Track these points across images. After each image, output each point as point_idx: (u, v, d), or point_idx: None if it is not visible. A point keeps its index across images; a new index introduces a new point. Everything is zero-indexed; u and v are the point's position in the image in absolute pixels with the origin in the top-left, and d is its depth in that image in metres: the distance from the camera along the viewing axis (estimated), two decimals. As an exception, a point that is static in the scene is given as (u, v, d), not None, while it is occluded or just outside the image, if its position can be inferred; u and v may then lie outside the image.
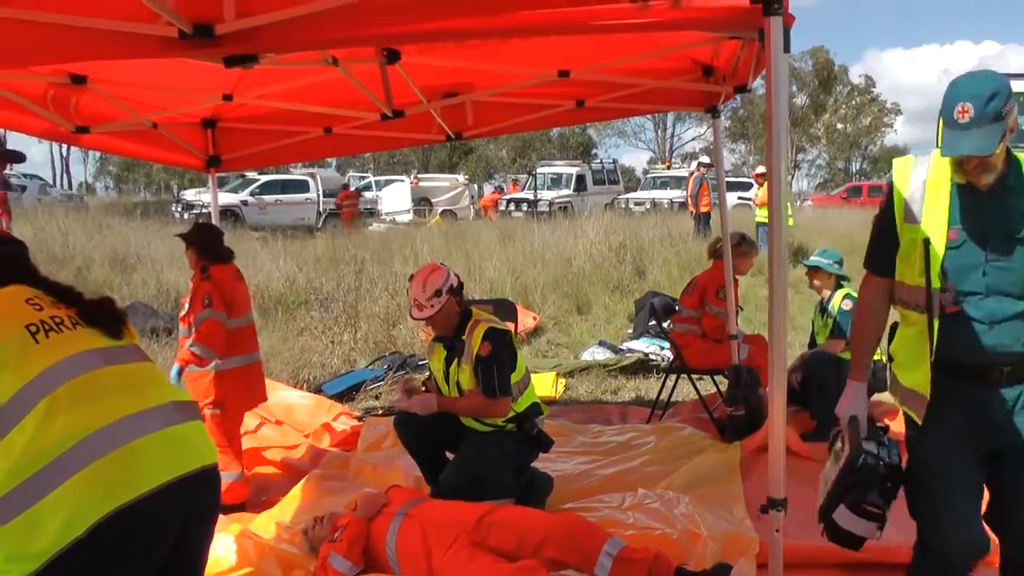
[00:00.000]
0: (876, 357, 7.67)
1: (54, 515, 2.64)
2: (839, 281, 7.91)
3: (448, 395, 6.11)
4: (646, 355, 11.04)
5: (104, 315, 3.22)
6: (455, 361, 5.99)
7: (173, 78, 6.46)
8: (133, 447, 2.84)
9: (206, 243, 6.53)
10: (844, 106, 79.41)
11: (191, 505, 2.97)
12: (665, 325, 8.76)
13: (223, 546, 5.33)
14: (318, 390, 9.67)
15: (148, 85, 6.56)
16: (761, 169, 21.70)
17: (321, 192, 37.13)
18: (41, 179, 49.30)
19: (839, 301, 7.71)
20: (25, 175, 44.83)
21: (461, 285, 6.10)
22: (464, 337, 5.97)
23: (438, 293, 5.92)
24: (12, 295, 3.09)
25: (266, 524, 6.00)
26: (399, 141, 8.86)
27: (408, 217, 38.72)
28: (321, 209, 36.44)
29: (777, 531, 3.98)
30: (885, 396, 7.91)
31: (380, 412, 9.03)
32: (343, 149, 8.82)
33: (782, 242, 3.80)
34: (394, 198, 42.20)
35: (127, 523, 2.72)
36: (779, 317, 3.82)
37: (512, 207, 41.52)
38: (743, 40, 5.61)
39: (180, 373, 6.29)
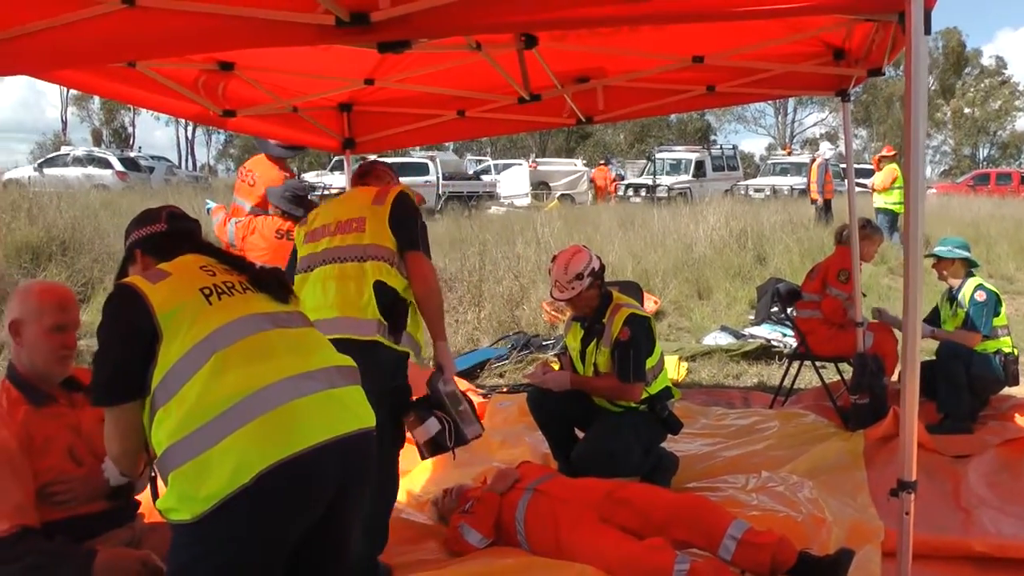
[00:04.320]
0: (1008, 350, 7.63)
1: (222, 463, 2.83)
2: (968, 269, 7.83)
3: (583, 374, 6.21)
4: (768, 341, 11.01)
5: (272, 282, 3.42)
6: (593, 342, 6.09)
7: (314, 64, 6.68)
8: (297, 405, 3.00)
9: None
10: (973, 89, 77.32)
11: (349, 465, 3.12)
12: (790, 311, 8.75)
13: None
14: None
15: (290, 71, 6.79)
16: (886, 152, 21.30)
17: (440, 175, 37.35)
18: (168, 161, 50.54)
19: (971, 291, 7.62)
20: (153, 157, 46.07)
21: (603, 268, 6.19)
22: (604, 320, 6.06)
23: (579, 276, 6.02)
24: (188, 262, 3.31)
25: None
26: (530, 124, 8.98)
27: (526, 201, 38.75)
28: (440, 192, 36.66)
29: (907, 514, 3.96)
30: (1016, 390, 7.87)
31: (505, 390, 9.18)
32: (475, 132, 8.94)
33: (918, 228, 3.79)
34: (512, 182, 42.23)
35: (289, 475, 2.88)
36: (913, 302, 3.82)
37: (631, 192, 41.33)
38: (878, 22, 5.59)
39: None
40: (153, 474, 3.39)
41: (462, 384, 8.55)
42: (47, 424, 3.74)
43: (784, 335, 10.99)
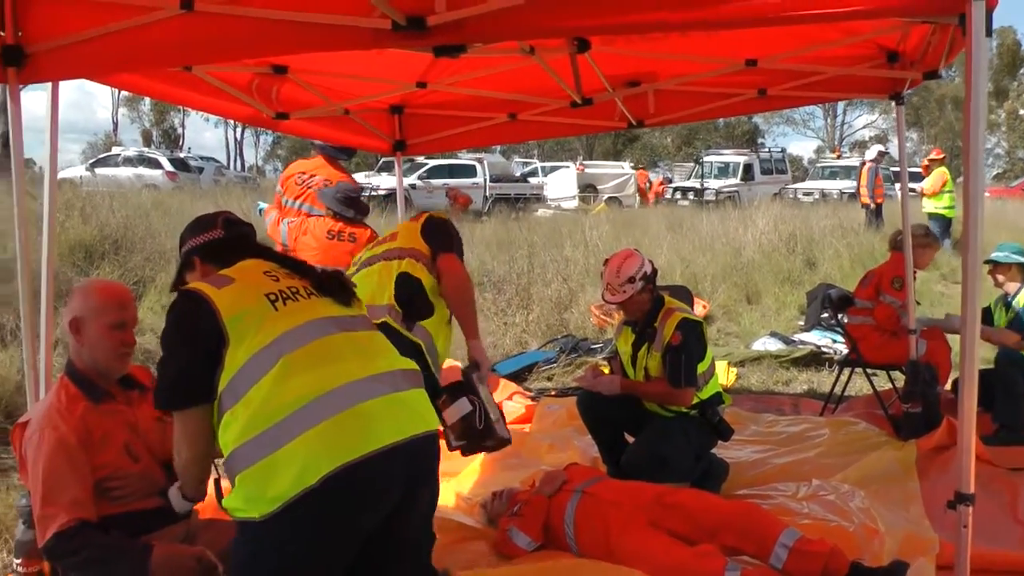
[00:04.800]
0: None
1: (289, 465, 2.87)
2: (1026, 274, 7.74)
3: (634, 379, 6.20)
4: (818, 347, 10.93)
5: (335, 286, 3.45)
6: (645, 346, 6.07)
7: (366, 67, 6.71)
8: (363, 408, 3.04)
9: None
10: (1028, 90, 76.38)
11: (415, 467, 3.14)
12: (841, 317, 8.68)
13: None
14: (491, 370, 9.78)
15: (343, 73, 6.82)
16: (934, 155, 21.05)
17: (488, 177, 37.40)
18: (217, 161, 50.98)
19: (1025, 297, 7.55)
20: (202, 157, 46.48)
21: (655, 272, 6.18)
22: (656, 324, 6.05)
23: (632, 280, 6.01)
24: (251, 268, 3.35)
25: (446, 494, 6.07)
26: (580, 128, 8.94)
27: (573, 203, 38.72)
28: (488, 194, 36.71)
29: (965, 527, 3.88)
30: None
31: (553, 393, 9.17)
32: (525, 135, 8.95)
33: (978, 234, 3.75)
34: (560, 184, 42.21)
35: (356, 478, 2.91)
36: (972, 309, 3.78)
37: (678, 195, 41.21)
38: (936, 24, 5.53)
39: None
40: (217, 476, 3.45)
41: (510, 387, 8.60)
42: (105, 420, 3.77)
43: (834, 341, 10.90)
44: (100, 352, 3.83)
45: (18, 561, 4.03)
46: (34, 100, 4.57)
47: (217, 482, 3.47)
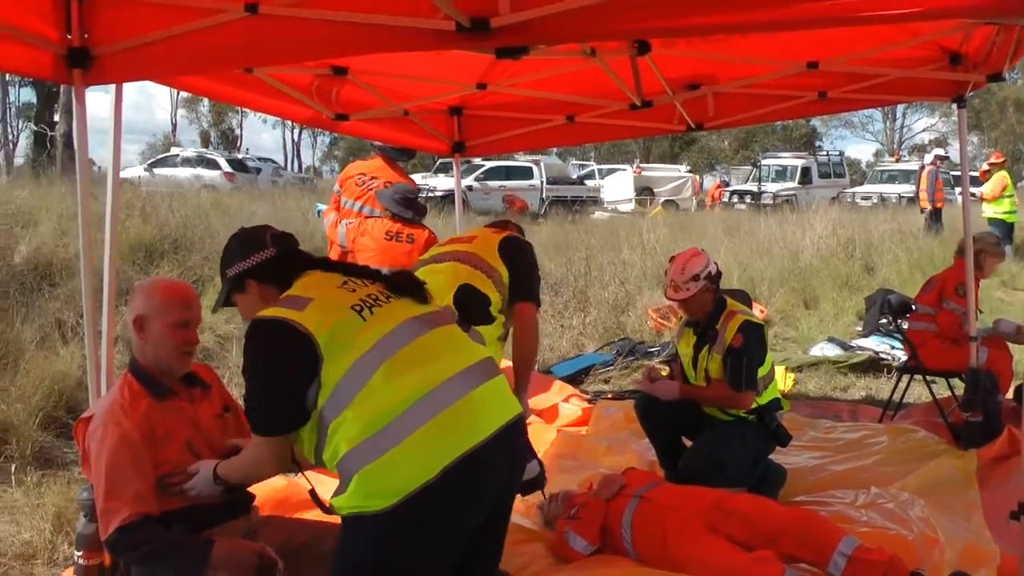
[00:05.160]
0: None
1: (407, 460, 2.95)
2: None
3: (694, 381, 6.17)
4: (877, 354, 10.80)
5: (409, 285, 3.50)
6: (705, 348, 6.05)
7: (426, 68, 6.73)
8: (468, 399, 3.14)
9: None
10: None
11: (514, 450, 3.28)
12: (900, 323, 8.58)
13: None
14: (548, 372, 9.83)
15: (403, 75, 6.83)
16: (994, 159, 20.76)
17: (544, 179, 37.40)
18: (274, 162, 51.39)
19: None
20: (260, 158, 46.87)
21: (719, 274, 6.15)
22: (718, 326, 6.01)
23: (695, 278, 5.98)
24: (323, 282, 3.40)
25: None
26: (638, 130, 8.90)
27: (630, 206, 38.66)
28: (544, 196, 36.71)
29: (1030, 538, 3.86)
30: None
31: (610, 396, 9.16)
32: (583, 137, 8.98)
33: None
34: (617, 187, 42.20)
35: (472, 467, 3.00)
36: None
37: (735, 199, 41.04)
38: (1001, 25, 5.46)
39: None
40: (311, 487, 3.52)
41: (567, 389, 8.60)
42: (167, 417, 3.80)
43: (893, 348, 10.78)
44: (163, 350, 3.84)
45: (79, 554, 4.06)
46: (96, 101, 4.65)
47: (313, 492, 3.52)
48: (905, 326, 8.43)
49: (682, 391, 6.15)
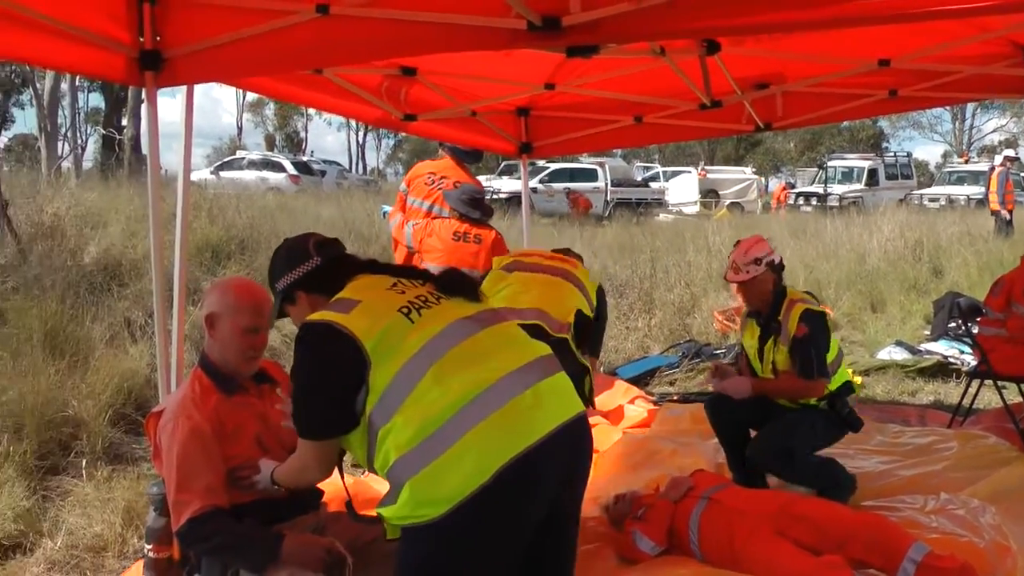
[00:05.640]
0: None
1: (460, 464, 2.87)
2: None
3: (761, 373, 6.13)
4: (945, 358, 10.64)
5: (459, 285, 3.44)
6: (771, 340, 6.01)
7: (494, 69, 6.74)
8: (522, 399, 3.03)
9: None
10: None
11: (575, 448, 3.17)
12: (970, 327, 8.46)
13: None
14: (613, 373, 9.82)
15: (471, 75, 6.86)
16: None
17: (609, 181, 37.34)
18: (339, 165, 51.77)
19: None
20: (325, 161, 47.23)
21: (782, 265, 6.12)
22: (780, 317, 5.97)
23: (757, 261, 5.94)
24: (372, 285, 3.34)
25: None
26: (706, 131, 8.86)
27: (695, 209, 38.51)
28: (608, 198, 36.64)
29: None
30: None
31: (675, 398, 9.11)
32: (651, 138, 8.98)
33: None
34: (681, 189, 42.08)
35: (526, 468, 2.91)
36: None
37: (801, 201, 40.75)
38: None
39: None
40: (348, 497, 3.54)
41: (632, 391, 8.59)
42: (237, 412, 3.83)
43: (962, 352, 10.64)
44: (230, 351, 3.88)
45: (149, 547, 4.11)
46: (163, 106, 4.71)
47: (349, 503, 3.53)
48: (975, 330, 8.30)
49: (754, 387, 6.08)
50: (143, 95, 5.00)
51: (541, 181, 35.63)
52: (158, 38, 4.72)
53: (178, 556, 4.04)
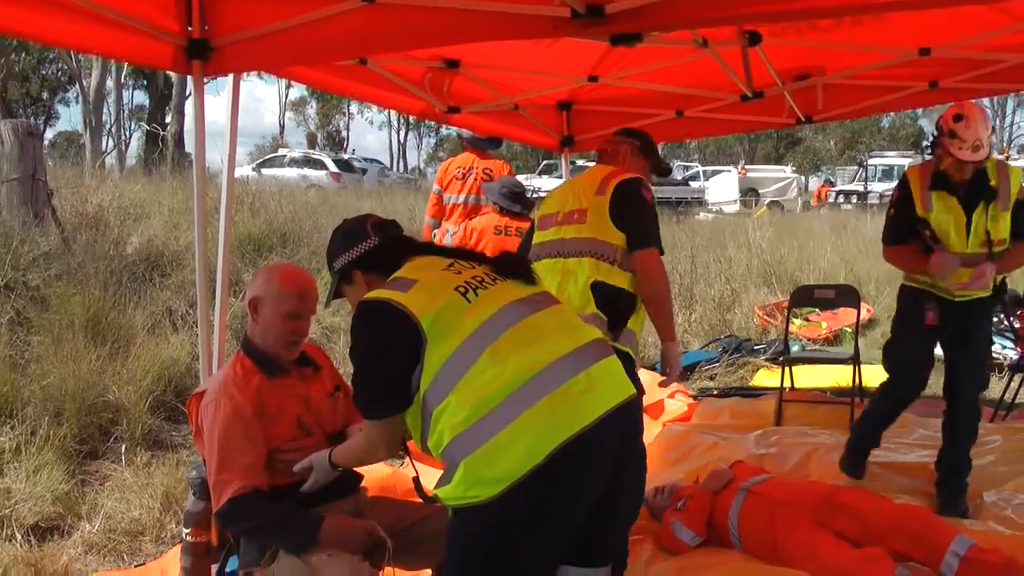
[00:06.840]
0: None
1: (514, 445, 2.88)
2: None
3: (966, 248, 5.75)
4: (988, 352, 10.58)
5: (516, 267, 3.45)
6: (981, 205, 5.65)
7: (537, 61, 6.72)
8: (576, 381, 3.04)
9: None
10: None
11: (626, 431, 3.19)
12: (1013, 320, 8.40)
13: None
14: (653, 368, 9.79)
15: (514, 68, 6.87)
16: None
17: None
18: (380, 163, 51.82)
19: None
20: (366, 159, 47.33)
21: None
22: (993, 183, 5.63)
23: (993, 130, 5.65)
24: (428, 264, 3.36)
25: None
26: (747, 124, 8.80)
27: (735, 207, 38.36)
28: (649, 197, 36.49)
29: None
30: None
31: (715, 393, 9.14)
32: (692, 132, 8.89)
33: None
34: (721, 188, 41.91)
35: (579, 450, 2.91)
36: None
37: (841, 199, 40.54)
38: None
39: None
40: (415, 474, 3.56)
41: (672, 385, 8.56)
42: (279, 394, 3.86)
43: (1004, 346, 10.55)
44: (271, 336, 3.92)
45: (187, 531, 4.13)
46: (207, 105, 4.73)
47: (416, 480, 3.55)
48: (1017, 325, 8.24)
49: (992, 268, 5.66)
50: (187, 92, 5.05)
51: (577, 177, 35.50)
52: (206, 27, 4.75)
53: (216, 541, 4.08)
